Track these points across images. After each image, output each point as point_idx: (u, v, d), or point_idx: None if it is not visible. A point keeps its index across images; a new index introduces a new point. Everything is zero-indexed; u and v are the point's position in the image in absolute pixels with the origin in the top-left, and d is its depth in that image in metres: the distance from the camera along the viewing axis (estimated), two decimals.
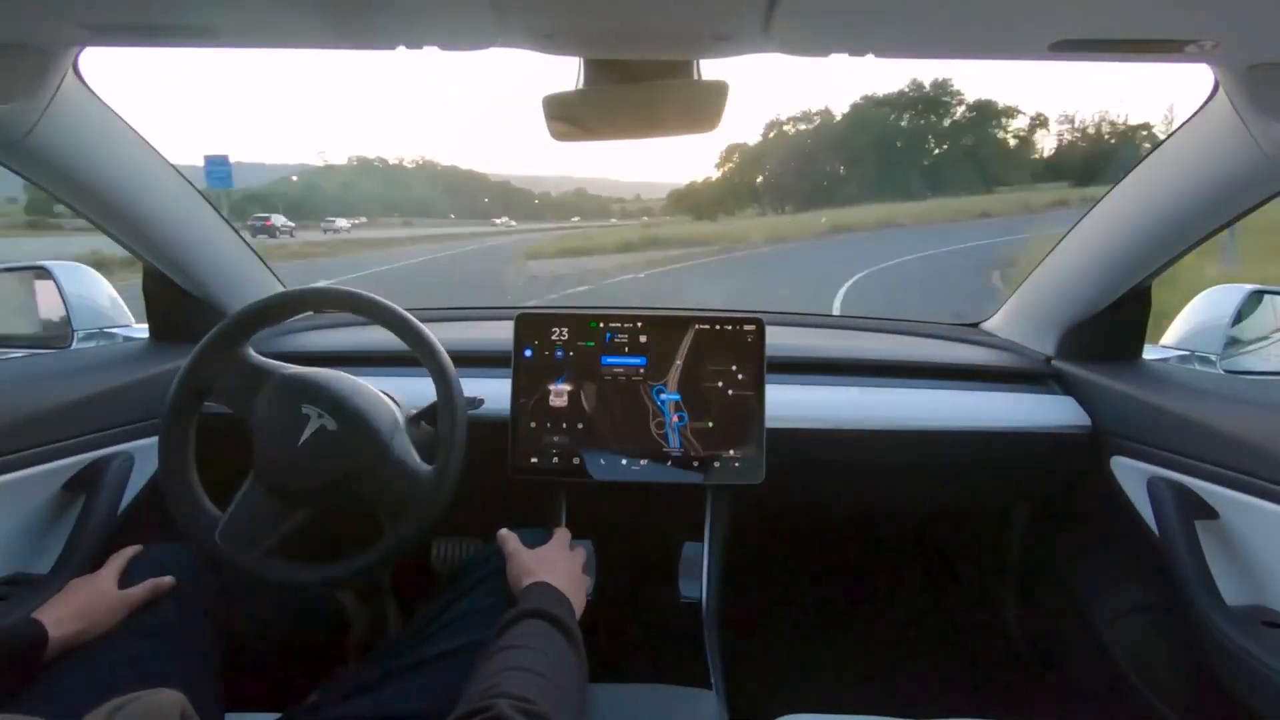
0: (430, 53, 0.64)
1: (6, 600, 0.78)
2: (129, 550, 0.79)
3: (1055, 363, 1.13)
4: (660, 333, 0.97)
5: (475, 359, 1.06)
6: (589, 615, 0.76)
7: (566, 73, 0.71)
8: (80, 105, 0.80)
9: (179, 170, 1.00)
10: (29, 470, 0.83)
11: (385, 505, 0.78)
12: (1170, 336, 1.24)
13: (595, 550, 0.95)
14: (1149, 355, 1.12)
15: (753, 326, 0.96)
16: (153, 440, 0.91)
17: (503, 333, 1.00)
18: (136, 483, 0.95)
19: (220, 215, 1.10)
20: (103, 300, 1.30)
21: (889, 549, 1.45)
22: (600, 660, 0.73)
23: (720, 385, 0.96)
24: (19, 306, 1.35)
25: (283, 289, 1.22)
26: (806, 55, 0.64)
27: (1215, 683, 0.80)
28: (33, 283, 1.30)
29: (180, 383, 0.81)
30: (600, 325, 0.98)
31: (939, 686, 1.30)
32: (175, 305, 1.11)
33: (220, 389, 0.82)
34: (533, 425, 0.97)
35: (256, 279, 1.20)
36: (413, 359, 0.83)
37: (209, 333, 0.83)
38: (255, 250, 1.19)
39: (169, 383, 0.82)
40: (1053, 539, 1.21)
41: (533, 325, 0.98)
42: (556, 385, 0.97)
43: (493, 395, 0.97)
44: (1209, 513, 0.85)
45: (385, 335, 0.86)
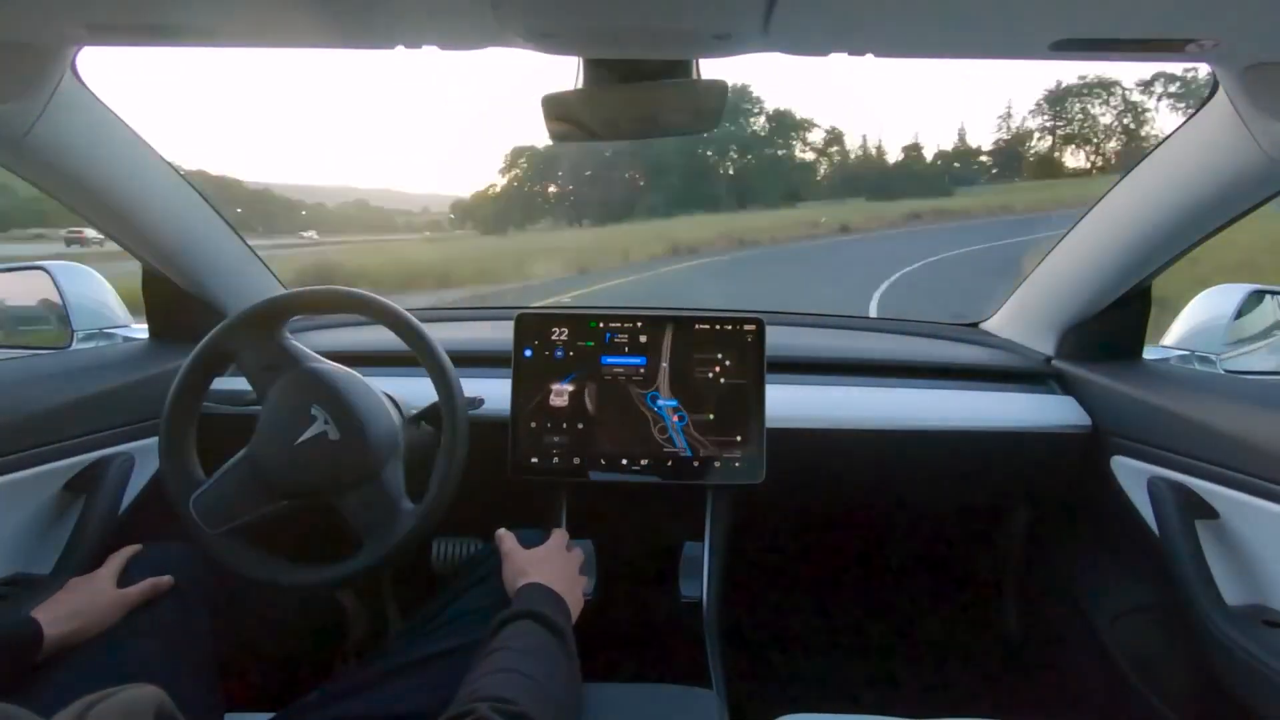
0: (429, 52, 0.65)
1: (6, 600, 0.79)
2: (128, 550, 0.79)
3: (1055, 362, 1.13)
4: (660, 332, 0.97)
5: (475, 359, 1.06)
6: (589, 615, 0.75)
7: (566, 73, 0.69)
8: (79, 105, 0.80)
9: (178, 170, 1.00)
10: (29, 471, 0.83)
11: (359, 525, 0.80)
12: (1170, 336, 1.24)
13: (596, 550, 0.95)
14: (1149, 355, 1.12)
15: (753, 326, 0.97)
16: (153, 440, 0.91)
17: (503, 333, 1.00)
18: (137, 483, 0.95)
19: (220, 215, 1.10)
20: (102, 300, 1.30)
21: (889, 549, 1.45)
22: (601, 660, 0.73)
23: (718, 379, 0.96)
24: (18, 307, 1.35)
25: (283, 289, 1.22)
26: (806, 55, 0.64)
27: (1215, 682, 0.81)
28: (32, 283, 1.30)
29: (212, 340, 0.84)
30: (600, 325, 0.98)
31: (939, 686, 1.30)
32: (174, 305, 1.11)
33: (245, 360, 0.84)
34: (533, 425, 0.97)
35: (256, 279, 1.20)
36: (413, 359, 0.83)
37: (250, 305, 0.85)
38: (255, 250, 1.19)
39: (169, 383, 0.83)
40: (1053, 539, 1.21)
41: (533, 325, 0.98)
42: (557, 385, 0.97)
43: (493, 395, 0.97)
44: (1209, 512, 0.85)
45: (386, 335, 0.86)
